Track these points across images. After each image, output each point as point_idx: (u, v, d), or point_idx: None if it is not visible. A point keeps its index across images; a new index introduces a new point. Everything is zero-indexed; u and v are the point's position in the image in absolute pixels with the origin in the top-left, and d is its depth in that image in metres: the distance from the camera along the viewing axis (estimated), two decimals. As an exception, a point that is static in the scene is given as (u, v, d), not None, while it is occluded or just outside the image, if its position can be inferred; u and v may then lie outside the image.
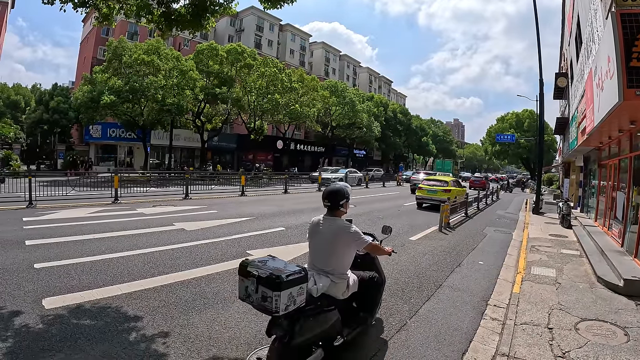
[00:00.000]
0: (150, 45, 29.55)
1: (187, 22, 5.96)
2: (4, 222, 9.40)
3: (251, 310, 4.24)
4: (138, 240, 7.96)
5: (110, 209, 12.41)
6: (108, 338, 3.77)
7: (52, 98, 46.07)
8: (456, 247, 8.84)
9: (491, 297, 5.50)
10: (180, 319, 4.30)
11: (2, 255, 6.41)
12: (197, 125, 35.50)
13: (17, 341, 3.56)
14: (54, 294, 4.79)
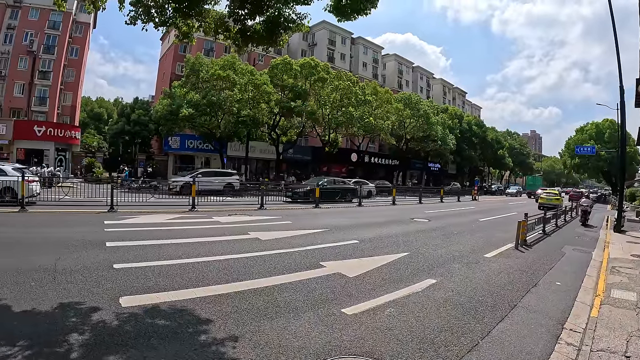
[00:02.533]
0: (226, 61, 35.96)
1: (262, 38, 7.20)
2: (86, 224, 11.72)
3: (322, 321, 5.07)
4: (213, 247, 9.32)
5: (187, 216, 14.69)
6: (180, 339, 4.48)
7: (133, 111, 56.87)
8: (532, 266, 9.52)
9: (567, 320, 5.86)
10: (251, 325, 4.95)
11: (84, 255, 7.94)
12: (272, 137, 41.69)
13: (93, 335, 4.43)
14: (131, 294, 5.81)
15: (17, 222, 12.20)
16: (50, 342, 4.25)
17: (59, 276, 6.48)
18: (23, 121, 39.81)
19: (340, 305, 5.77)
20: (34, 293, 5.67)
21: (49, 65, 43.61)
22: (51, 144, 39.17)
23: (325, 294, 6.30)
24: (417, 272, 8.10)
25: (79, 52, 48.65)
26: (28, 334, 4.38)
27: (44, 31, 42.99)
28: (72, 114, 48.94)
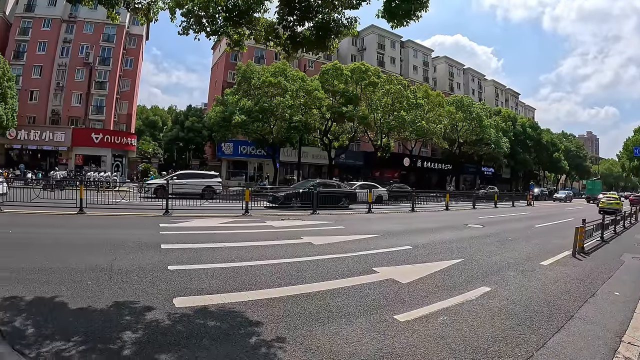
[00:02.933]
0: (277, 68, 37.28)
1: (312, 43, 7.37)
2: (142, 227, 12.39)
3: (374, 327, 5.06)
4: (266, 252, 9.52)
5: (241, 220, 15.14)
6: (231, 340, 4.58)
7: (187, 118, 60.10)
8: (590, 275, 9.23)
9: (626, 333, 5.68)
10: (302, 329, 4.99)
11: (140, 256, 8.35)
12: (324, 142, 42.53)
13: (146, 333, 4.61)
14: (184, 295, 6.01)
15: (77, 224, 13.02)
16: (104, 338, 4.45)
17: (115, 276, 6.82)
18: (81, 129, 42.77)
19: (392, 311, 5.74)
20: (90, 291, 5.98)
21: (105, 76, 46.73)
22: (108, 150, 42.22)
23: (377, 300, 6.27)
24: (471, 279, 7.94)
25: (133, 62, 51.63)
26: (83, 330, 4.61)
27: (99, 44, 46.14)
28: (128, 121, 51.83)
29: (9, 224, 12.20)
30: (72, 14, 45.56)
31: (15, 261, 7.53)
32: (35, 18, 44.87)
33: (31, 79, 44.05)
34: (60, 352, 4.11)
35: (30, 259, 7.73)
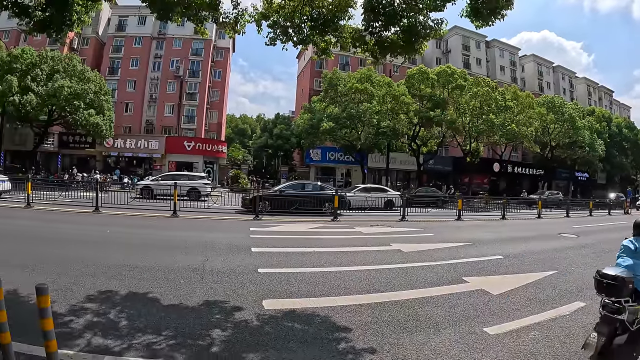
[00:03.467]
0: (363, 74, 37.95)
1: (400, 47, 7.43)
2: (234, 230, 13.14)
3: (463, 339, 4.93)
4: (355, 257, 9.59)
5: (330, 226, 15.45)
6: (318, 344, 4.63)
7: (275, 126, 62.71)
8: None
9: None
10: (390, 337, 4.95)
11: (231, 258, 8.82)
12: (412, 148, 42.50)
13: (235, 332, 4.82)
14: (273, 297, 6.21)
15: (171, 226, 14.09)
16: (193, 334, 4.72)
17: (206, 276, 7.22)
18: (174, 137, 46.05)
19: (482, 323, 5.55)
20: (182, 290, 6.38)
21: (195, 87, 50.16)
22: (200, 157, 44.92)
23: (467, 310, 6.11)
24: (564, 293, 7.40)
25: (221, 74, 54.98)
26: (173, 326, 4.92)
27: (188, 58, 49.74)
28: (218, 130, 54.90)
29: (108, 224, 13.47)
30: (161, 32, 49.83)
31: (112, 258, 8.31)
32: (127, 37, 49.66)
33: (126, 92, 48.67)
34: (151, 345, 4.42)
35: (126, 257, 8.47)
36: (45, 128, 36.62)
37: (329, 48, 8.03)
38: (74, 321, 4.99)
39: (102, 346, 4.37)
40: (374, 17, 7.05)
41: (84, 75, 34.65)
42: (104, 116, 35.48)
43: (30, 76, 31.80)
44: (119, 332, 4.74)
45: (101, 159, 44.62)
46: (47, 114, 34.37)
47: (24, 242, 10.06)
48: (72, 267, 7.52)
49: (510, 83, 60.77)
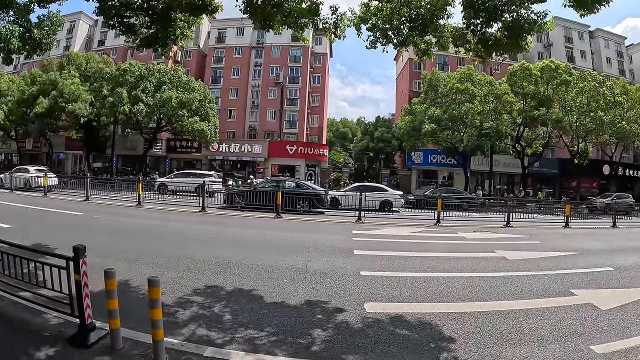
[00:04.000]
0: (463, 74, 36.96)
1: (505, 45, 7.27)
2: (336, 232, 13.40)
3: (568, 356, 4.75)
4: (458, 264, 9.42)
5: (432, 230, 15.23)
6: (419, 351, 4.66)
7: (376, 129, 62.98)
8: None
9: None
10: (492, 349, 4.88)
11: (333, 260, 9.07)
12: (516, 150, 40.41)
13: (335, 333, 4.97)
14: (375, 300, 6.29)
15: (274, 227, 14.72)
16: (294, 332, 4.96)
17: (309, 276, 7.51)
18: (276, 142, 47.94)
19: (589, 340, 5.26)
20: (285, 289, 6.71)
21: (296, 93, 52.02)
22: (302, 160, 46.19)
23: (574, 325, 5.79)
24: None
25: (320, 79, 56.34)
26: (276, 323, 5.21)
27: (287, 65, 51.74)
28: (320, 134, 56.34)
29: (214, 224, 14.54)
30: (259, 41, 52.68)
31: (217, 255, 8.97)
32: (227, 47, 53.20)
33: (229, 100, 52.19)
34: (252, 340, 4.72)
35: (231, 255, 9.10)
36: (154, 134, 40.13)
37: (430, 49, 8.03)
38: (179, 312, 5.49)
39: (205, 337, 4.76)
40: (474, 14, 6.93)
41: (189, 85, 37.52)
42: (208, 122, 38.04)
43: (140, 88, 35.39)
44: (222, 325, 5.12)
45: (207, 163, 47.62)
46: (156, 121, 37.74)
47: (136, 238, 11.33)
48: (179, 262, 8.28)
49: (618, 76, 55.54)
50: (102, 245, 9.13)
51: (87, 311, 4.39)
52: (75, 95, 35.09)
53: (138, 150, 43.47)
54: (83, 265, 4.30)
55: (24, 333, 4.71)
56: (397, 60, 63.85)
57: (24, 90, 39.16)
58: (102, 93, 36.03)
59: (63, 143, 48.34)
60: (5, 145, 52.54)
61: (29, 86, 39.44)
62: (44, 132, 40.19)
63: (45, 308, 5.02)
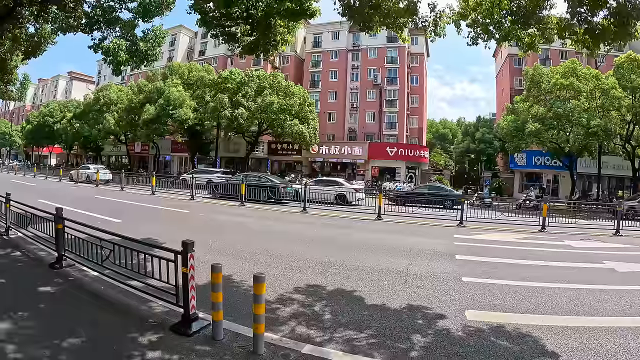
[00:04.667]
0: (567, 68, 34.13)
1: (613, 34, 6.75)
2: (437, 236, 13.20)
3: None
4: (563, 274, 8.80)
5: (536, 237, 14.42)
6: None
7: (476, 129, 60.75)
8: None
9: None
10: None
11: (434, 264, 8.97)
12: (626, 150, 36.78)
13: (435, 340, 4.91)
14: (477, 308, 6.12)
15: (375, 228, 14.74)
16: (393, 336, 4.96)
17: (410, 280, 7.49)
18: (376, 143, 47.98)
19: None
20: (385, 291, 6.75)
21: (394, 94, 51.66)
22: (402, 162, 45.94)
23: None
24: None
25: (418, 79, 55.60)
26: (375, 326, 5.24)
27: (384, 66, 51.68)
28: (419, 135, 55.60)
29: (314, 224, 14.98)
30: (355, 44, 53.38)
31: (319, 255, 9.30)
32: (323, 52, 54.70)
33: (328, 103, 53.41)
34: (351, 340, 4.78)
35: (332, 255, 9.32)
36: (256, 137, 42.11)
37: (535, 43, 7.64)
38: (280, 309, 5.73)
39: (304, 335, 4.91)
40: (579, 2, 6.56)
41: (289, 90, 38.87)
42: (308, 125, 39.27)
43: (240, 94, 37.41)
44: (322, 324, 5.26)
45: (307, 164, 49.30)
46: (257, 125, 39.65)
47: (239, 235, 11.96)
48: (281, 260, 8.65)
49: None
50: (205, 241, 9.90)
51: (191, 302, 4.77)
52: (180, 102, 38.28)
53: (240, 152, 46.56)
54: (191, 259, 4.67)
55: (131, 318, 5.21)
56: (496, 56, 61.23)
57: (132, 99, 44.14)
58: (205, 99, 38.79)
59: (169, 146, 53.58)
60: (116, 149, 59.95)
61: (136, 95, 44.38)
62: (151, 137, 44.46)
63: (151, 297, 5.53)
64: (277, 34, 8.71)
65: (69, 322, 5.01)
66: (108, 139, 53.56)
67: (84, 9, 13.23)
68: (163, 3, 13.02)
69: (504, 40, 7.53)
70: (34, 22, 14.42)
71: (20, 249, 8.94)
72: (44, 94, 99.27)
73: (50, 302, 5.72)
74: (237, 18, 8.65)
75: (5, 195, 10.26)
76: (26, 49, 15.60)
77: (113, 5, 13.14)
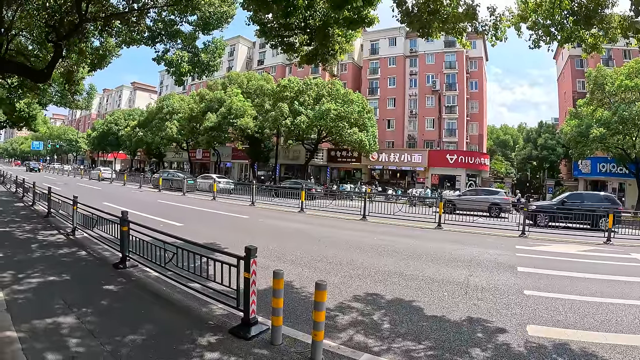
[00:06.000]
0: (631, 68, 32.36)
1: None
2: (498, 246, 12.80)
3: None
4: (630, 289, 8.31)
5: (601, 249, 13.68)
6: None
7: (539, 135, 58.56)
8: None
9: None
10: None
11: (495, 276, 8.77)
12: None
13: (495, 355, 4.81)
14: (538, 323, 5.92)
15: (434, 237, 14.55)
16: (452, 349, 4.92)
17: (470, 292, 7.37)
18: (436, 151, 47.46)
19: None
20: (445, 302, 6.69)
21: (453, 100, 51.01)
22: (462, 170, 45.04)
23: None
24: None
25: (477, 84, 54.25)
26: (434, 337, 5.22)
27: (442, 72, 51.09)
28: (480, 142, 54.19)
29: (374, 232, 14.88)
30: (412, 49, 53.11)
31: (378, 263, 9.33)
32: (381, 59, 54.93)
33: (386, 110, 53.54)
34: (409, 352, 4.78)
35: (392, 264, 9.35)
36: (315, 145, 42.56)
37: (598, 43, 7.34)
38: (339, 317, 5.80)
39: (362, 344, 4.95)
40: None
41: (348, 97, 39.04)
42: (367, 133, 39.30)
43: (299, 102, 37.87)
44: (380, 333, 5.27)
45: (366, 172, 49.27)
46: (317, 133, 40.01)
47: (298, 242, 12.10)
48: (341, 268, 8.74)
49: None
50: (265, 246, 10.09)
51: (252, 306, 4.92)
52: (241, 111, 39.35)
53: (300, 159, 47.15)
54: (253, 265, 4.82)
55: (191, 319, 5.44)
56: (556, 58, 58.79)
57: (193, 108, 45.73)
58: (264, 108, 39.67)
59: (230, 153, 55.23)
60: (178, 155, 62.91)
61: (197, 104, 46.21)
62: (211, 144, 46.06)
63: (211, 299, 5.76)
64: (336, 43, 8.82)
65: (130, 319, 5.32)
66: (170, 146, 56.07)
67: (146, 22, 14.05)
68: (223, 16, 13.56)
69: (566, 41, 7.35)
70: (99, 36, 15.46)
71: (86, 248, 9.56)
72: (108, 103, 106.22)
73: (113, 300, 6.09)
74: (295, 28, 8.86)
75: (72, 198, 11.04)
76: (92, 62, 16.63)
77: (174, 19, 13.84)
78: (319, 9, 8.35)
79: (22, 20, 14.51)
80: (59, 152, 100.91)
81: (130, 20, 13.83)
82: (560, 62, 56.73)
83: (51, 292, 6.23)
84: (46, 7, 13.16)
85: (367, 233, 14.56)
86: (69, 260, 8.45)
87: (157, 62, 14.66)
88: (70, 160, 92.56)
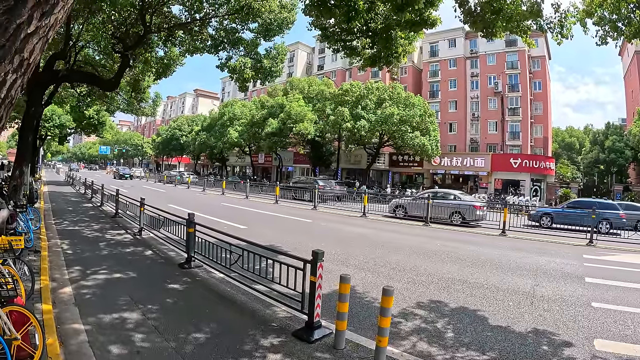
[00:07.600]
0: None
1: None
2: (564, 255, 12.31)
3: None
4: None
5: None
6: None
7: (606, 137, 55.44)
8: None
9: None
10: None
11: (562, 286, 8.46)
12: None
13: None
14: (606, 338, 5.69)
15: (499, 245, 14.21)
16: None
17: (536, 302, 7.18)
18: (499, 154, 45.85)
19: None
20: (510, 312, 6.56)
21: (516, 101, 49.25)
22: (527, 174, 43.08)
23: None
24: None
25: (541, 85, 51.95)
26: (498, 348, 5.14)
27: (504, 72, 49.41)
28: (545, 145, 51.98)
29: (436, 238, 14.81)
30: (472, 50, 51.92)
31: (442, 270, 9.29)
32: (441, 61, 54.39)
33: (447, 113, 52.76)
34: None
35: (456, 271, 9.27)
36: (377, 149, 42.45)
37: None
38: (402, 323, 5.84)
39: (425, 352, 4.96)
40: None
41: (409, 101, 38.61)
42: (429, 137, 38.81)
43: (360, 106, 37.90)
44: (443, 342, 5.27)
45: (428, 177, 48.55)
46: (379, 137, 39.91)
47: (361, 247, 12.12)
48: (405, 274, 8.77)
49: None
50: (329, 250, 10.10)
51: (316, 310, 5.04)
52: (301, 116, 39.70)
53: (361, 164, 47.29)
54: (320, 269, 4.94)
55: (254, 320, 5.63)
56: (622, 55, 55.59)
57: (254, 114, 46.79)
58: (326, 112, 39.94)
59: (291, 157, 55.79)
60: (240, 160, 64.93)
61: (258, 110, 47.25)
62: (273, 149, 46.74)
63: (275, 301, 5.94)
64: (398, 45, 8.79)
65: (194, 318, 5.57)
66: (232, 150, 57.56)
67: (208, 31, 14.56)
68: (283, 22, 13.83)
69: (634, 36, 6.98)
70: (163, 46, 16.17)
71: (152, 248, 10.09)
72: (172, 109, 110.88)
73: (178, 299, 6.40)
74: (357, 32, 8.90)
75: (140, 200, 11.67)
76: (157, 71, 17.42)
77: (235, 27, 14.27)
78: (380, 12, 8.41)
79: (88, 33, 15.45)
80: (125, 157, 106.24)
81: (193, 29, 14.44)
82: (626, 58, 54.00)
83: (117, 289, 6.67)
84: (111, 20, 13.99)
85: (429, 239, 14.48)
86: (135, 258, 8.97)
87: (220, 69, 15.20)
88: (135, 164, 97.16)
